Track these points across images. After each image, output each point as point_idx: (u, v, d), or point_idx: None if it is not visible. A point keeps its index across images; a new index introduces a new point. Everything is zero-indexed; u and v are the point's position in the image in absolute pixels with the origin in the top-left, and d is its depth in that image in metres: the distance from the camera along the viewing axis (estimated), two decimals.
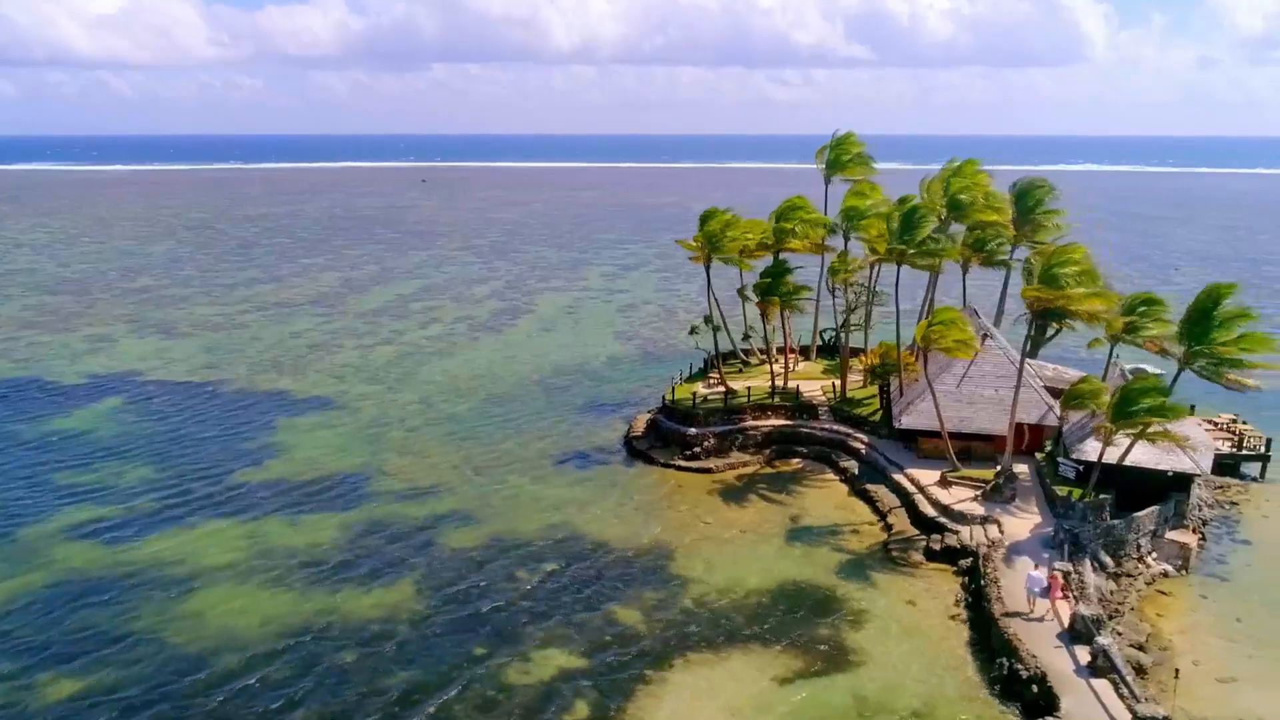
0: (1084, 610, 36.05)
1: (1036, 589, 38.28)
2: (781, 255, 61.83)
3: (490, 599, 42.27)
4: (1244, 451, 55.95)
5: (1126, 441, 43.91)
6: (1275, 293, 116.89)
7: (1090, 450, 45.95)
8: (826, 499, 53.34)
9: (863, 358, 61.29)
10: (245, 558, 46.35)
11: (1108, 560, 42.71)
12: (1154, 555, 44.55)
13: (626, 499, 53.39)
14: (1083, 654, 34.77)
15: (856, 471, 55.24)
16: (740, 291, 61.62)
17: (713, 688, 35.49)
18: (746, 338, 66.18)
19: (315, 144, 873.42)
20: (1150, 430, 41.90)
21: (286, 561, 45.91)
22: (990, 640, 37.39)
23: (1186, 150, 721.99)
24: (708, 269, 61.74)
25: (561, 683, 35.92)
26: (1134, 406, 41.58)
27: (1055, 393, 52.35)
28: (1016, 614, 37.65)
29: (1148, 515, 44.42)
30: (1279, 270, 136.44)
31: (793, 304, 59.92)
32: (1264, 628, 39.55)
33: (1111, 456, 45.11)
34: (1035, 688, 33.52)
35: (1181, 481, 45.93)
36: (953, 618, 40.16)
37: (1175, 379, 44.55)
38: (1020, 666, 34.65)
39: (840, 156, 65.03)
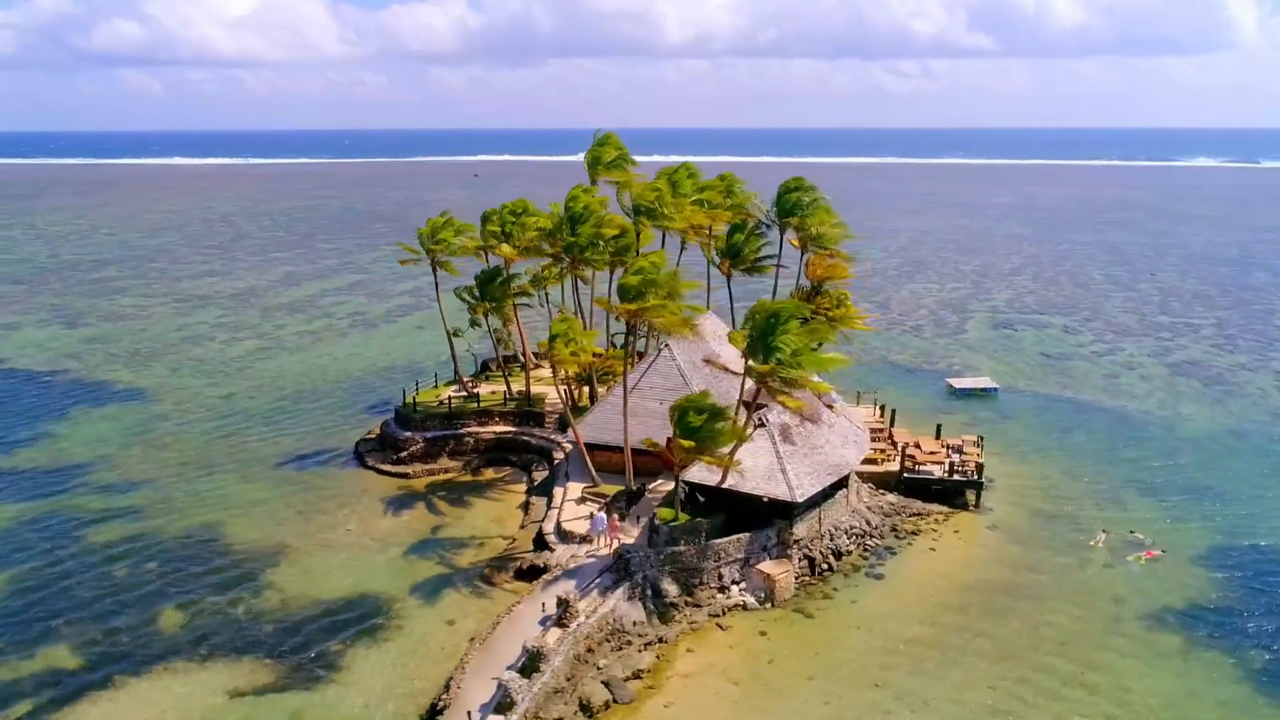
0: (529, 643, 34.35)
1: (600, 527, 43.43)
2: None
3: (55, 593, 43.25)
4: (954, 477, 51.89)
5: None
6: (1246, 297, 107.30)
7: (694, 472, 43.60)
8: (492, 511, 52.21)
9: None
10: None
11: (668, 588, 40.41)
12: (741, 586, 41.96)
13: (298, 502, 53.48)
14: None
15: (537, 483, 53.93)
16: (457, 293, 60.79)
17: (154, 698, 35.40)
18: (499, 342, 65.31)
19: (421, 138, 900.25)
20: (704, 455, 39.44)
21: None
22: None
23: None
24: (434, 271, 61.47)
25: (13, 685, 36.42)
26: (688, 428, 39.20)
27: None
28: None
29: (732, 543, 41.85)
30: (1271, 275, 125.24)
31: (504, 309, 58.78)
32: (788, 672, 36.74)
33: (720, 479, 42.83)
34: None
35: (783, 508, 42.99)
36: (472, 639, 38.82)
37: (755, 395, 41.75)
38: (443, 697, 33.37)
39: (600, 158, 63.30)
